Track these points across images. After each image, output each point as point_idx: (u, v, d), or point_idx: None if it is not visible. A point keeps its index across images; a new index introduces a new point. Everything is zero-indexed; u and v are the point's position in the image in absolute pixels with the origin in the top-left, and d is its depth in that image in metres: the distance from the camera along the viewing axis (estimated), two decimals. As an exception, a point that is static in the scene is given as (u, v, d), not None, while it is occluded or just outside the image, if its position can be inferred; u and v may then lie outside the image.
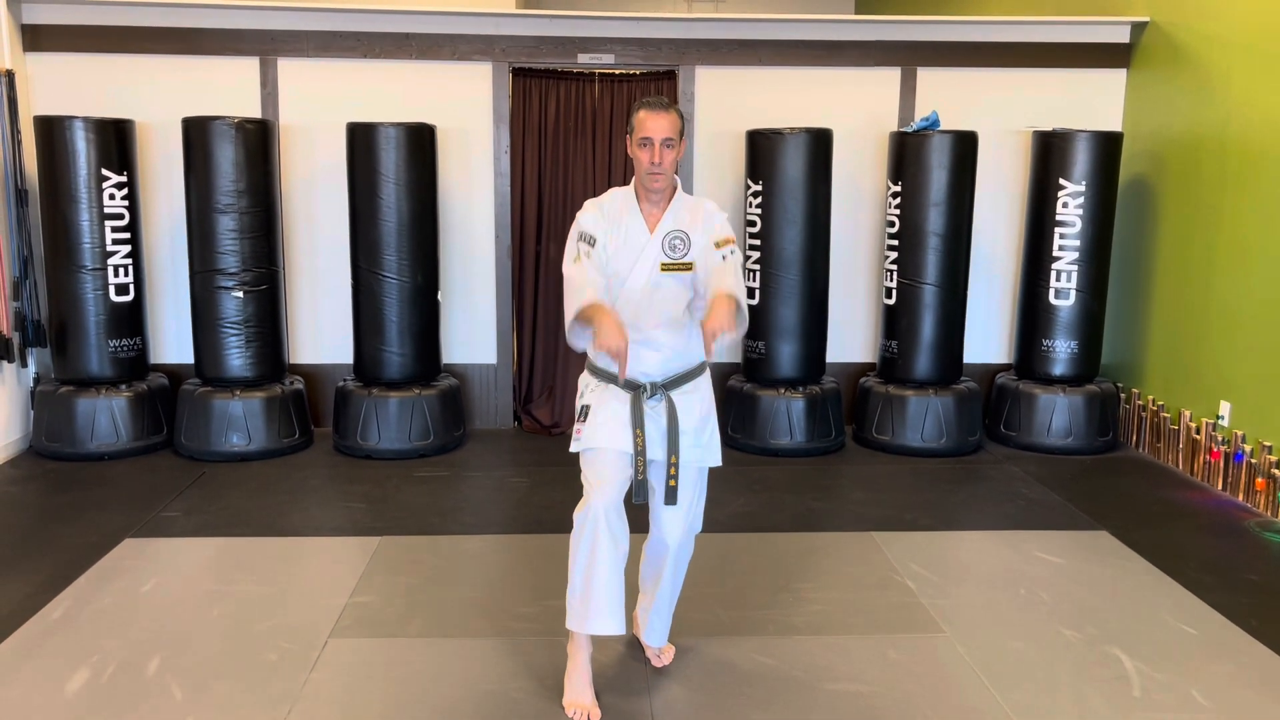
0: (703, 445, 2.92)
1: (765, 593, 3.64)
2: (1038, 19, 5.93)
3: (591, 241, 2.82)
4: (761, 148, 5.40)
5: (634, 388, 2.83)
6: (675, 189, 2.87)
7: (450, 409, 5.49)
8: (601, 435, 2.82)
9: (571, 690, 2.88)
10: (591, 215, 2.87)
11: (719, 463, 2.96)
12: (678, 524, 2.92)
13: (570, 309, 2.74)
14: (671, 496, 2.84)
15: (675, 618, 3.15)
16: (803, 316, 5.47)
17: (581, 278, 2.76)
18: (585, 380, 2.95)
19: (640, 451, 2.80)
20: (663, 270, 2.82)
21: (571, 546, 2.80)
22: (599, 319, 2.64)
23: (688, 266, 2.83)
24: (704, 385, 2.94)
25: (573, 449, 2.88)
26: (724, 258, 2.82)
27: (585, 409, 2.87)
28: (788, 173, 5.35)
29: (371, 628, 3.37)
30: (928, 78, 5.86)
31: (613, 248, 2.83)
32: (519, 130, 5.84)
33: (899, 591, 3.69)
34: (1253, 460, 4.74)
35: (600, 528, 2.74)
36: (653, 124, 2.76)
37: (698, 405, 2.90)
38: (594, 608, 2.78)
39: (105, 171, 5.14)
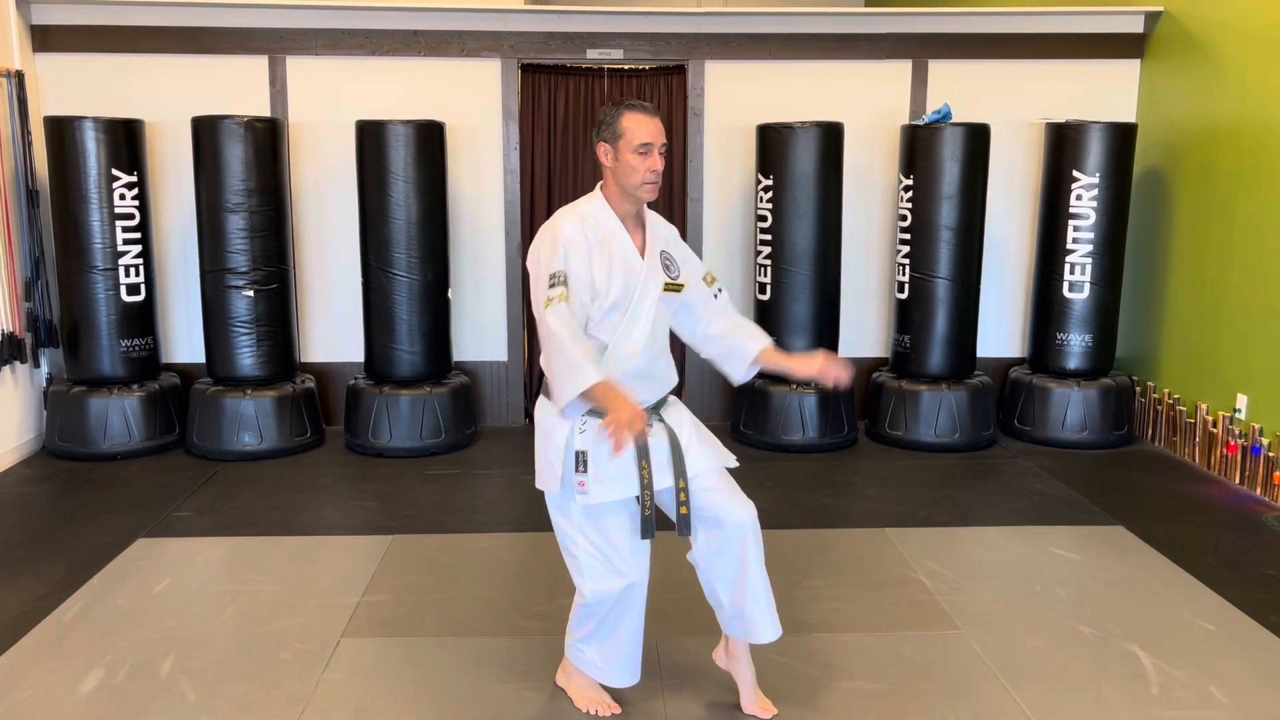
0: (712, 448, 2.73)
1: (778, 590, 3.58)
2: (1050, 9, 5.88)
3: (565, 280, 2.48)
4: (772, 142, 5.37)
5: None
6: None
7: (461, 407, 5.49)
8: (614, 485, 2.57)
9: (582, 691, 2.86)
10: (569, 250, 2.52)
11: (735, 462, 2.77)
12: (732, 510, 2.65)
13: (566, 380, 2.45)
14: (684, 526, 2.61)
15: (689, 615, 3.12)
16: (814, 311, 5.44)
17: (573, 341, 2.46)
18: (560, 415, 2.59)
19: (647, 485, 2.58)
20: (665, 291, 2.65)
21: (581, 617, 2.77)
22: (612, 400, 2.39)
23: (680, 287, 2.69)
24: (679, 403, 2.80)
25: (581, 502, 2.59)
26: (716, 295, 2.79)
27: (582, 455, 2.56)
28: (798, 167, 5.32)
29: (384, 627, 3.36)
30: (939, 70, 5.82)
31: (602, 274, 2.54)
32: (528, 127, 5.83)
33: (913, 588, 3.67)
34: (1270, 454, 4.69)
35: (630, 598, 2.70)
36: (651, 128, 2.52)
37: (685, 415, 2.75)
38: (619, 664, 2.80)
39: (115, 171, 5.15)
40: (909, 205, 5.48)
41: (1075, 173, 5.43)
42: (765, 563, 2.75)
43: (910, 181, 5.46)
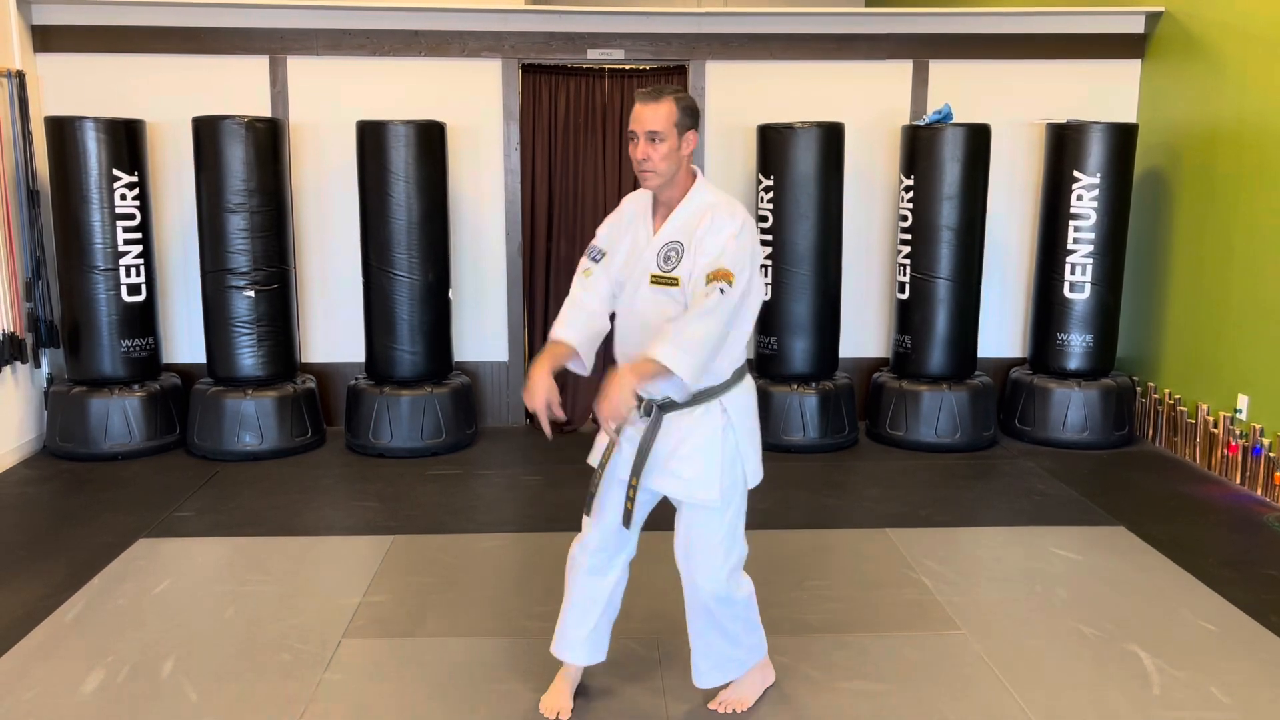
0: (677, 474, 2.57)
1: (779, 590, 3.62)
2: (1051, 10, 5.88)
3: (598, 256, 2.66)
4: (773, 142, 5.37)
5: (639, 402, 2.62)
6: (692, 187, 2.57)
7: (462, 407, 5.49)
8: (597, 451, 2.72)
9: (549, 692, 2.88)
10: (610, 221, 2.72)
11: (704, 499, 2.58)
12: (689, 567, 2.67)
13: None
14: (625, 519, 2.61)
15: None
16: (815, 312, 5.44)
17: (568, 304, 2.67)
18: None
19: (602, 464, 2.65)
20: (652, 282, 2.54)
21: None
22: (533, 368, 2.52)
23: (673, 282, 2.51)
24: (710, 415, 2.58)
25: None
26: (717, 290, 2.42)
27: None
28: (799, 167, 5.32)
29: (385, 627, 3.36)
30: (940, 70, 5.82)
31: (621, 256, 2.63)
32: (529, 127, 5.83)
33: (914, 589, 3.67)
34: (1271, 454, 4.69)
35: (574, 573, 2.77)
36: (638, 115, 2.49)
37: (690, 432, 2.57)
38: (563, 635, 2.83)
39: (116, 172, 5.15)
40: (910, 205, 5.48)
41: (1076, 173, 5.43)
42: (763, 564, 2.75)
43: (911, 182, 5.46)
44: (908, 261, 5.52)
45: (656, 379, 2.43)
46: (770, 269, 5.46)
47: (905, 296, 5.56)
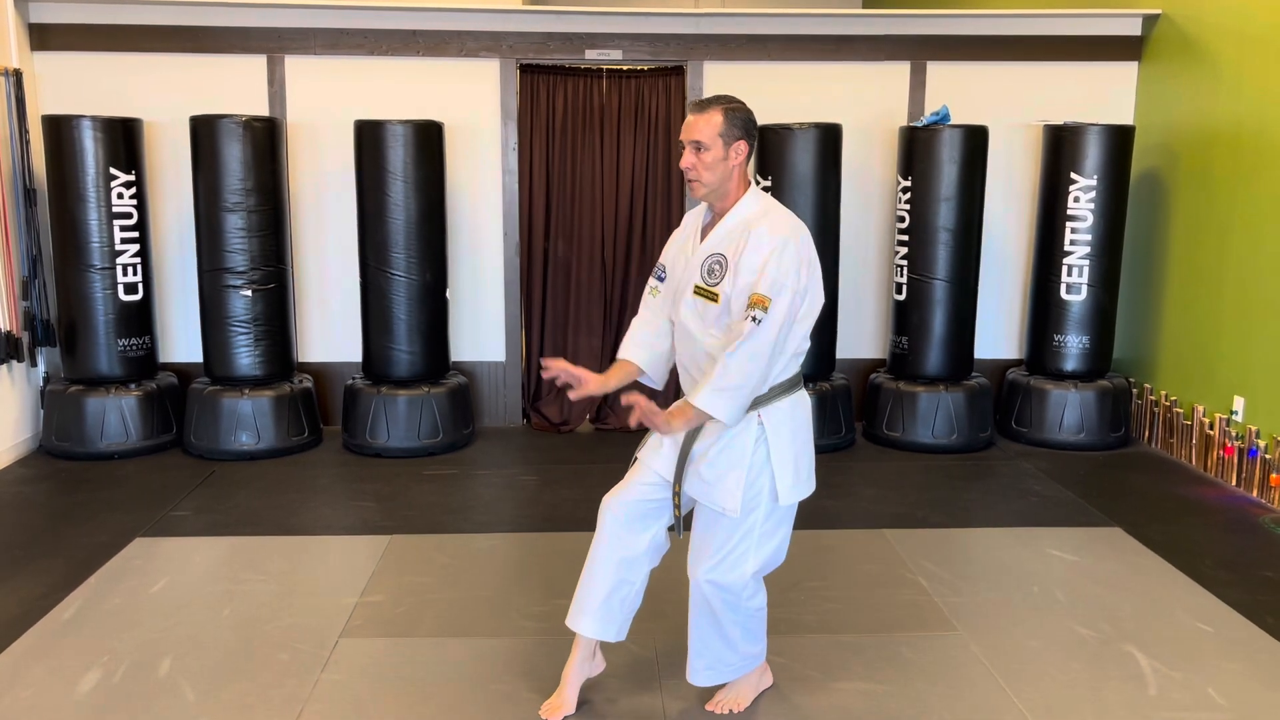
0: (701, 476, 2.61)
1: (776, 591, 3.60)
2: (1048, 12, 5.89)
3: (662, 275, 2.76)
4: (770, 143, 5.38)
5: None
6: (741, 197, 2.60)
7: (459, 407, 5.49)
8: (646, 445, 2.80)
9: (556, 691, 2.87)
10: (672, 239, 2.81)
11: (726, 507, 2.59)
12: (696, 559, 2.69)
13: None
14: (677, 527, 2.72)
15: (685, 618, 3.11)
16: (812, 313, 5.44)
17: (638, 319, 2.81)
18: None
19: (639, 446, 2.81)
20: (695, 293, 2.59)
21: None
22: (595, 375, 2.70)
23: (714, 297, 2.54)
24: (745, 427, 2.58)
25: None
26: (750, 319, 2.46)
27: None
28: (797, 168, 5.33)
29: (382, 627, 3.36)
30: (938, 71, 5.83)
31: (679, 266, 2.71)
32: (527, 127, 5.83)
33: (911, 589, 3.67)
34: (1267, 456, 4.70)
35: (602, 521, 2.76)
36: (685, 124, 2.57)
37: (721, 438, 2.59)
38: (577, 602, 2.80)
39: (113, 170, 5.14)
40: (907, 207, 5.49)
41: (1073, 174, 5.44)
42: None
43: (909, 183, 5.47)
44: (905, 263, 5.52)
45: (699, 421, 2.56)
46: (768, 270, 5.45)
47: (902, 297, 5.57)
